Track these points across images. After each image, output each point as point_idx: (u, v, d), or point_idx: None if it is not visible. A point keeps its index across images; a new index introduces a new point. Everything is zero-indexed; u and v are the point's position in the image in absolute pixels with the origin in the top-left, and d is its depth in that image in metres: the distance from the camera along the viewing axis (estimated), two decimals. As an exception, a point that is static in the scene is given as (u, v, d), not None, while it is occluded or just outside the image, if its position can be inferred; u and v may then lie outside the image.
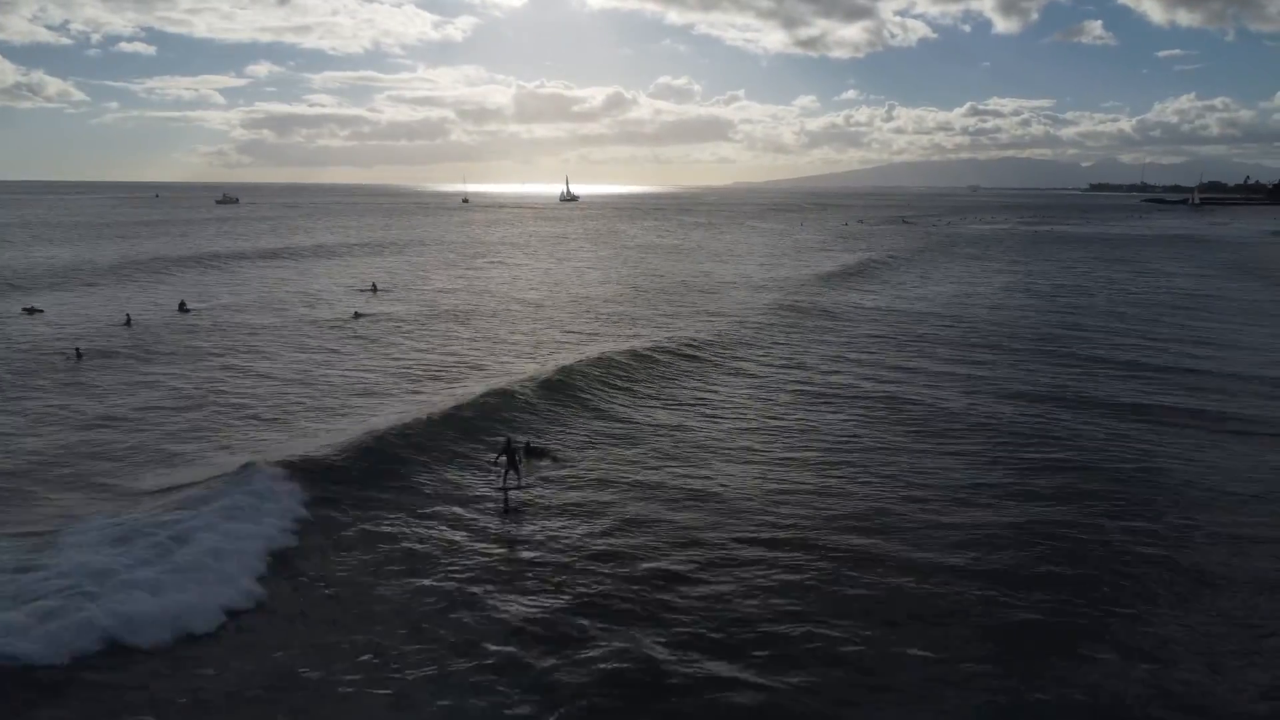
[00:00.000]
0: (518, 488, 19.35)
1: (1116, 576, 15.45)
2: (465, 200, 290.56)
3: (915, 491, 19.60)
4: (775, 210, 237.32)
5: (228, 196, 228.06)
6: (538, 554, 16.29)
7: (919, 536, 17.09)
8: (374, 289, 54.84)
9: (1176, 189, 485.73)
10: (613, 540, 16.92)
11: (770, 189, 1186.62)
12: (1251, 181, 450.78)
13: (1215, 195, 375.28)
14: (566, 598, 14.52)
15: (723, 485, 19.96)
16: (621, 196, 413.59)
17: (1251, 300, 56.06)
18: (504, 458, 19.64)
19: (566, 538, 17.05)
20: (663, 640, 13.19)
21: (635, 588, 14.91)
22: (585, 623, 13.66)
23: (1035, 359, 35.05)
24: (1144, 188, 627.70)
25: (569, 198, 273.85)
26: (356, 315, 42.27)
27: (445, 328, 40.64)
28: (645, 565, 15.83)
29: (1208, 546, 16.82)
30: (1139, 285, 64.02)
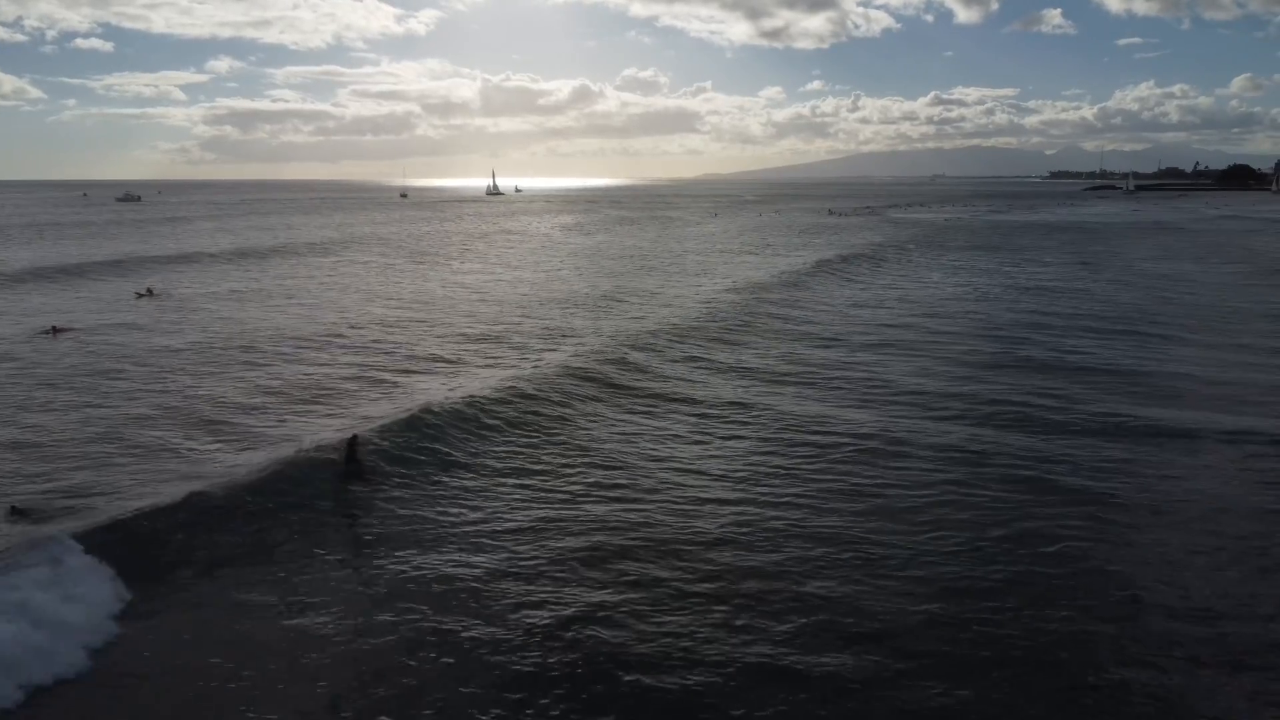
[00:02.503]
0: (359, 480, 18.87)
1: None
2: (404, 195, 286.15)
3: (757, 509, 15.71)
4: (709, 202, 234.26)
5: (129, 194, 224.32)
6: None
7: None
8: (149, 292, 50.32)
9: (1134, 175, 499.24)
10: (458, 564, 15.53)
11: (738, 180, 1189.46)
12: (1202, 168, 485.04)
13: (1151, 181, 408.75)
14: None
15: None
16: (575, 190, 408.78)
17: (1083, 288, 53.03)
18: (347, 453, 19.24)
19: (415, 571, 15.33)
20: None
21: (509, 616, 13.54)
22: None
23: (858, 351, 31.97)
24: (1102, 174, 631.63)
25: (495, 191, 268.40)
26: (54, 331, 37.39)
27: (149, 346, 36.20)
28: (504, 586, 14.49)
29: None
30: (992, 278, 61.13)
